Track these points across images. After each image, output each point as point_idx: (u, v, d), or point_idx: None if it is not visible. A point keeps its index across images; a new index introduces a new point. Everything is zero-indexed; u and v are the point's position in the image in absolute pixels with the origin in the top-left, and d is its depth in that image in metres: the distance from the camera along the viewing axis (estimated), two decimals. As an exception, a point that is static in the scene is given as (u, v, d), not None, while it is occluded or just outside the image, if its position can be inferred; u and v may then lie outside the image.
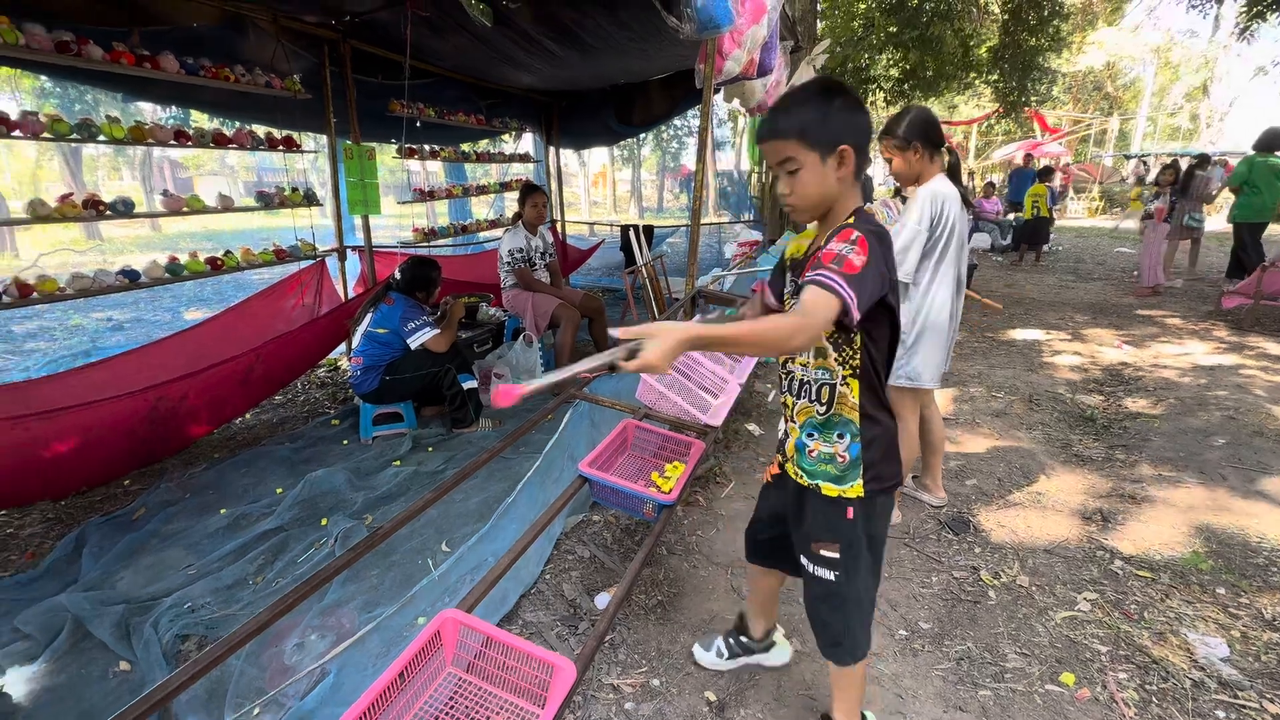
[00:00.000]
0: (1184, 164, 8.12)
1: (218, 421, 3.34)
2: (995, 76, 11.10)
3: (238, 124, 3.82)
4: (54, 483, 2.70)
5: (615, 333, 0.94)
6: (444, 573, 2.04)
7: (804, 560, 1.32)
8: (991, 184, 11.40)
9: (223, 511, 2.66)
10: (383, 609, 2.02)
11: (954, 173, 2.25)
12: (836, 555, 1.26)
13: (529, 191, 4.17)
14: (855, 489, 1.22)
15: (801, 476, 1.29)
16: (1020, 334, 5.40)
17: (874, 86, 11.25)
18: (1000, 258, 9.80)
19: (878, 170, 17.04)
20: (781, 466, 1.39)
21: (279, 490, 2.79)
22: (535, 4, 3.24)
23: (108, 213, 2.84)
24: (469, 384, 3.41)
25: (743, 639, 1.73)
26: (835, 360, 1.19)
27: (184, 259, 3.20)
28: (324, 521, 2.55)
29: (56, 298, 2.67)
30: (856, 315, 0.99)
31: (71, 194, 2.75)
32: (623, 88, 5.79)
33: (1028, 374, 4.33)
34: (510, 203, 6.83)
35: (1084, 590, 2.12)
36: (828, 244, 1.06)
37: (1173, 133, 27.27)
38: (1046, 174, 9.79)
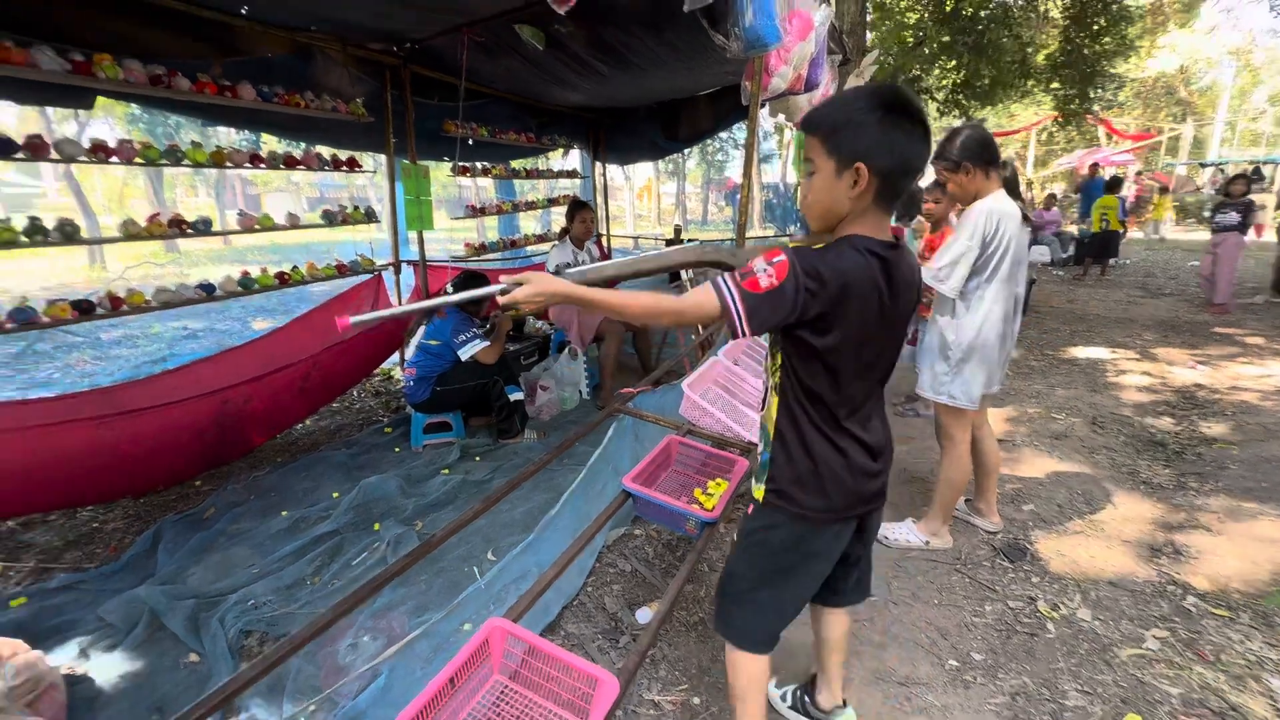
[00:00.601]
0: (1267, 171, 7.60)
1: (278, 426, 3.52)
2: (1056, 84, 10.71)
3: (304, 146, 4.05)
4: (134, 481, 2.90)
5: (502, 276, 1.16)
6: (489, 581, 2.09)
7: None
8: (1053, 195, 10.95)
9: (284, 513, 2.79)
10: (431, 614, 2.08)
11: (1012, 187, 2.19)
12: (735, 538, 1.32)
13: (577, 208, 4.26)
14: (758, 491, 1.26)
15: None
16: (1083, 352, 5.15)
17: (926, 97, 11.01)
18: (1061, 271, 9.40)
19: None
20: None
21: (335, 495, 2.92)
22: (585, 28, 3.33)
23: (189, 231, 3.05)
24: (515, 395, 3.49)
25: (807, 701, 1.65)
26: (768, 368, 1.23)
27: (255, 273, 3.40)
28: (376, 526, 2.65)
29: (142, 309, 2.88)
30: (745, 329, 1.02)
31: (158, 214, 2.97)
32: (668, 103, 5.85)
33: (1091, 395, 4.13)
34: (557, 217, 6.98)
35: (1153, 627, 2.00)
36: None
37: (1254, 139, 25.59)
38: (1115, 184, 9.35)
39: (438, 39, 3.53)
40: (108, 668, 1.95)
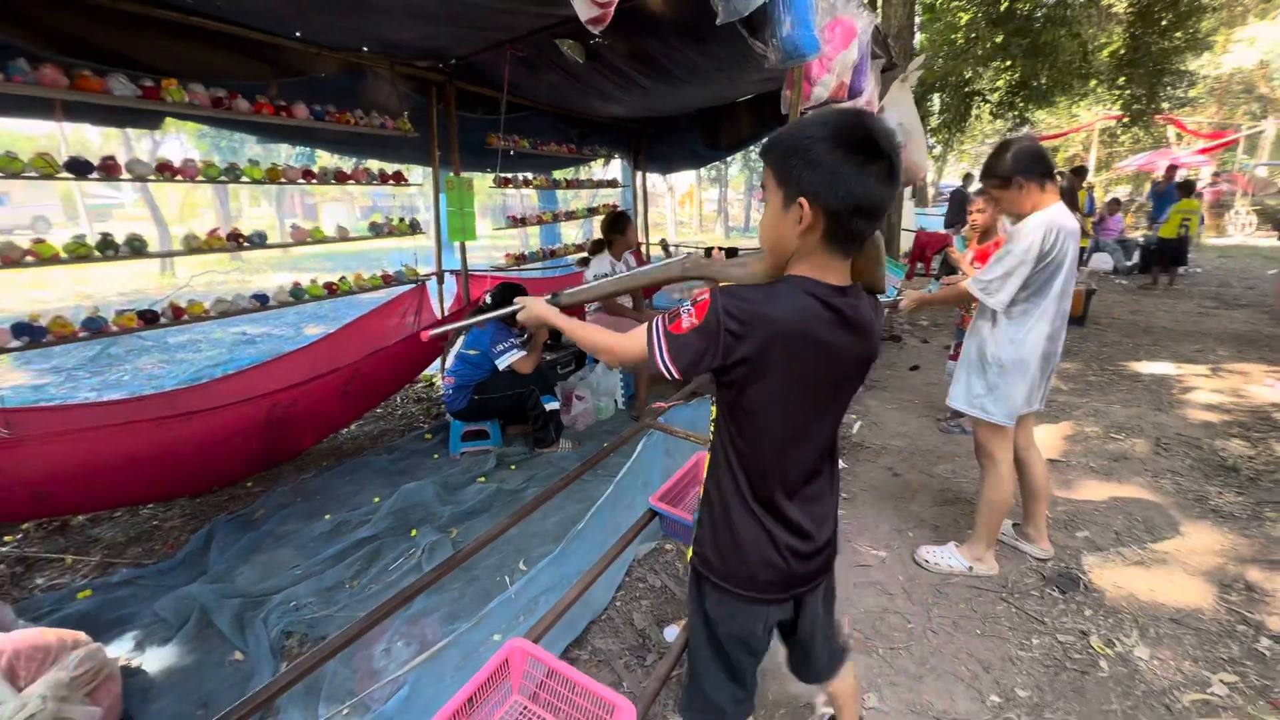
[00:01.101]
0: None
1: (324, 430, 3.64)
2: (1121, 81, 10.19)
3: (355, 160, 4.22)
4: (191, 481, 3.05)
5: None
6: (519, 590, 2.11)
7: None
8: (1115, 200, 10.39)
9: (327, 516, 2.89)
10: (461, 623, 2.11)
11: (1069, 197, 2.09)
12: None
13: (615, 222, 4.29)
14: (688, 552, 1.17)
15: None
16: (1147, 367, 4.86)
17: (979, 99, 10.65)
18: (1124, 280, 8.90)
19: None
20: None
21: (376, 499, 3.00)
22: (625, 40, 3.35)
23: (245, 244, 3.21)
24: (551, 405, 3.53)
25: None
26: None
27: (305, 283, 3.55)
28: (414, 533, 2.71)
29: (202, 318, 3.05)
30: (672, 372, 0.95)
31: (217, 229, 3.14)
32: (709, 112, 5.84)
33: (1155, 413, 3.89)
34: (599, 226, 7.04)
35: (1220, 670, 1.86)
36: None
37: (1347, 137, 23.68)
38: (1187, 188, 8.80)
39: (481, 55, 3.61)
40: (160, 661, 2.05)
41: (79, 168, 2.54)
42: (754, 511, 1.02)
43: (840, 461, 3.25)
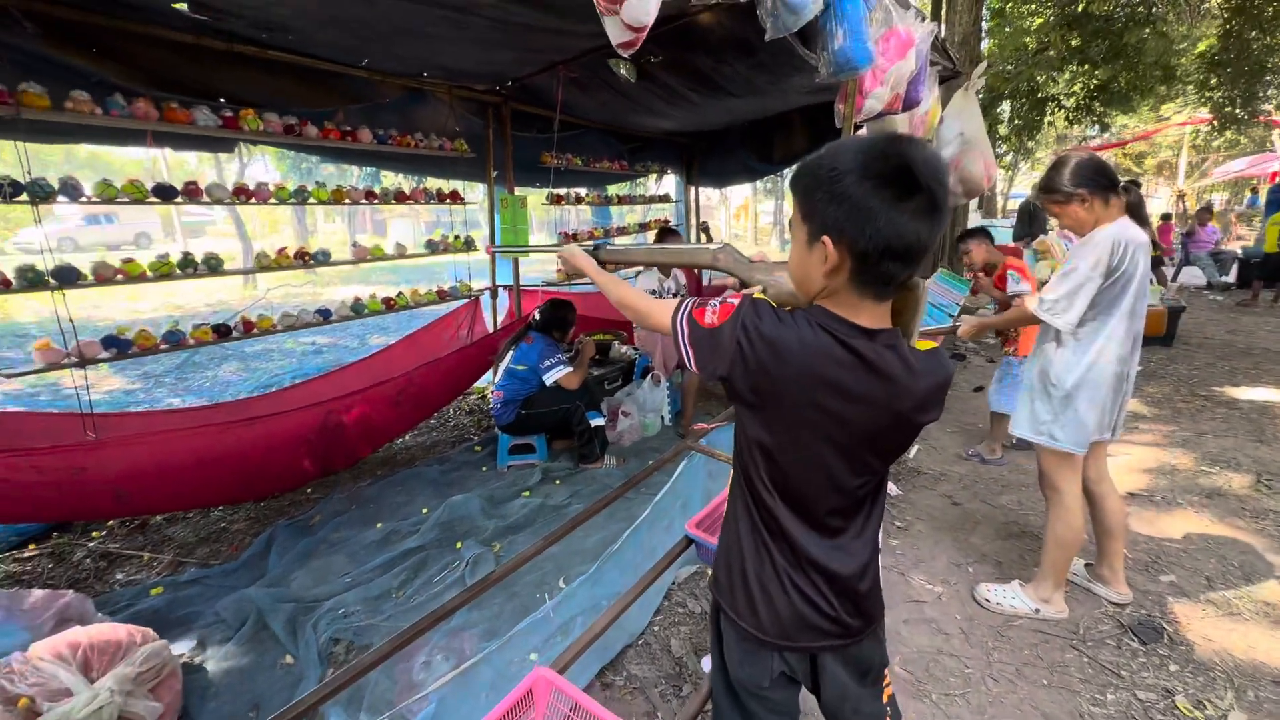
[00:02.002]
0: None
1: (379, 439, 3.76)
2: (1213, 82, 9.45)
3: (415, 180, 4.40)
4: (254, 483, 3.20)
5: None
6: (557, 607, 2.10)
7: None
8: (1208, 208, 9.60)
9: (379, 525, 2.98)
10: (499, 639, 2.12)
11: (1137, 213, 1.95)
12: None
13: (663, 236, 4.28)
14: (710, 573, 1.13)
15: None
16: (1245, 393, 4.43)
17: (1054, 105, 10.10)
18: (1220, 296, 8.18)
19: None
20: None
21: (424, 510, 3.08)
22: (675, 55, 3.36)
23: (311, 262, 3.39)
24: (597, 421, 3.54)
25: None
26: None
27: (366, 298, 3.71)
28: (459, 545, 2.75)
29: (270, 332, 3.22)
30: (691, 361, 0.93)
31: (286, 248, 3.33)
32: (761, 125, 5.77)
33: (1255, 445, 3.53)
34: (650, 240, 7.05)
35: (1333, 745, 1.65)
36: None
37: None
38: (1283, 196, 8.05)
39: (535, 77, 3.70)
40: (219, 661, 2.15)
41: (164, 193, 2.74)
42: (764, 540, 0.96)
43: (894, 487, 3.12)
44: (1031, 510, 2.90)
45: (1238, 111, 9.51)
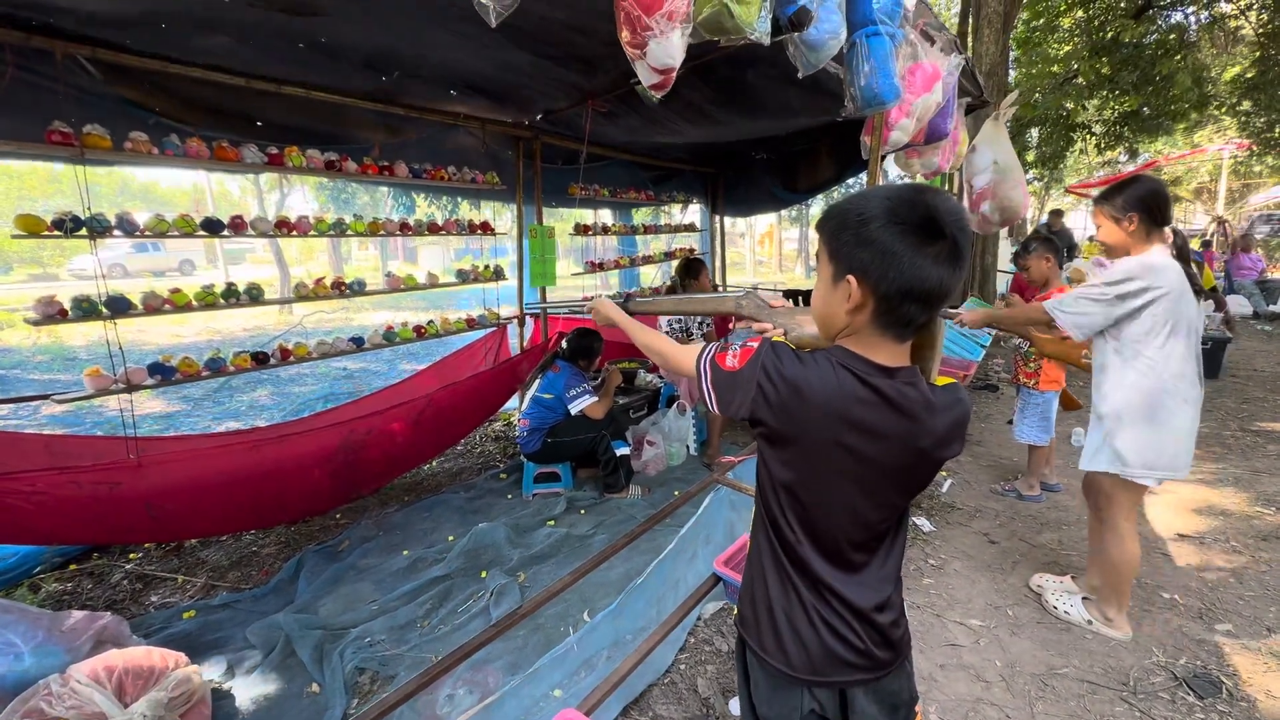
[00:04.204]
0: None
1: (402, 462, 3.78)
2: (1246, 106, 9.26)
3: (448, 211, 4.53)
4: (281, 505, 3.23)
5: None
6: (581, 641, 2.07)
7: None
8: (1248, 235, 9.32)
9: (405, 552, 2.99)
10: (522, 673, 2.10)
11: (1182, 256, 1.95)
12: None
13: (689, 266, 4.31)
14: (735, 610, 1.12)
15: None
16: (1300, 428, 4.23)
17: (1083, 132, 10.00)
18: (1269, 326, 7.88)
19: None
20: None
21: (450, 538, 3.08)
22: (699, 72, 3.41)
23: (346, 291, 3.49)
24: (622, 450, 3.52)
25: None
26: None
27: (398, 326, 3.79)
28: (484, 574, 2.75)
29: (305, 358, 3.30)
30: (712, 401, 0.95)
31: (324, 278, 3.43)
32: (787, 155, 5.79)
33: (1313, 484, 3.35)
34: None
35: None
36: None
37: None
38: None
39: (565, 111, 3.80)
40: (247, 688, 2.17)
41: (212, 226, 2.86)
42: (788, 575, 0.96)
43: (926, 522, 3.03)
44: (1073, 551, 2.78)
45: (1277, 135, 9.29)
